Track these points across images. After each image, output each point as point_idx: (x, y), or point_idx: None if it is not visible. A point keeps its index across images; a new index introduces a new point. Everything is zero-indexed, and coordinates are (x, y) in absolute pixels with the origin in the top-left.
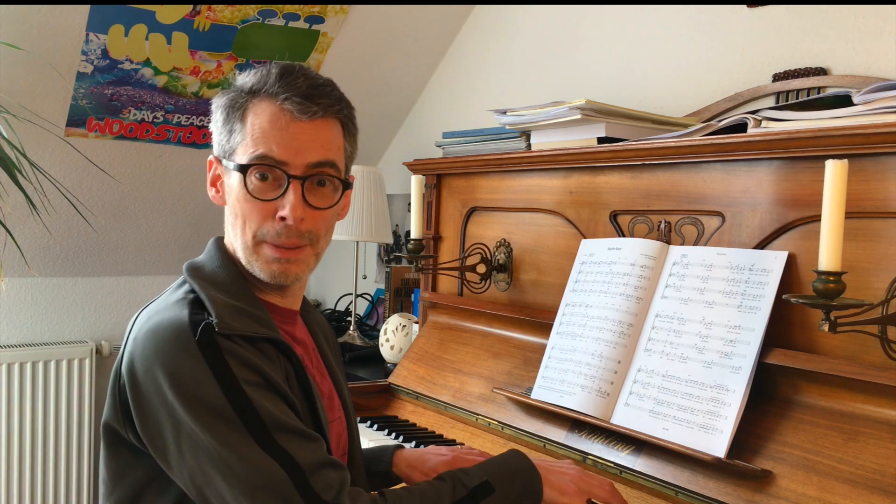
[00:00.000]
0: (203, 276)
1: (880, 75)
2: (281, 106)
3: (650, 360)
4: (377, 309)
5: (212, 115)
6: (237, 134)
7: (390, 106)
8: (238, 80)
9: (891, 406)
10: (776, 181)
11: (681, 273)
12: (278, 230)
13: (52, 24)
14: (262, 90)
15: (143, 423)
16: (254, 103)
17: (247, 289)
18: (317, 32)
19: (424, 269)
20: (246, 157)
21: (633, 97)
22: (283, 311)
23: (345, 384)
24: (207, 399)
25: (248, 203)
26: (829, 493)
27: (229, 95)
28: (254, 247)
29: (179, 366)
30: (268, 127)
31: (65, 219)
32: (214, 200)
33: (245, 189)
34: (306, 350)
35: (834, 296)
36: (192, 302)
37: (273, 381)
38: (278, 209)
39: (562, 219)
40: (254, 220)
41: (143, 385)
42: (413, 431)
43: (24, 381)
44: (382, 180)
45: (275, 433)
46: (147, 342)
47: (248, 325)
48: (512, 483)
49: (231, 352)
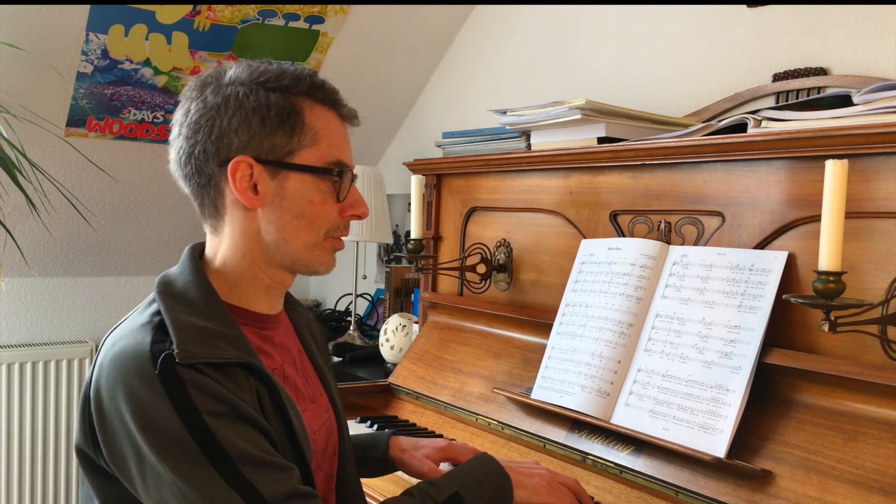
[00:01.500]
0: (173, 293)
1: (880, 75)
2: (337, 113)
3: (650, 360)
4: (377, 309)
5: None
6: (301, 137)
7: (390, 106)
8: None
9: (891, 406)
10: (776, 181)
11: (681, 273)
12: (342, 226)
13: (52, 24)
14: (307, 93)
15: (110, 451)
16: (308, 107)
17: (219, 305)
18: (317, 32)
19: (424, 269)
20: (323, 161)
21: (633, 97)
22: (266, 317)
23: (333, 382)
24: (169, 432)
25: (325, 205)
26: (829, 493)
27: (276, 96)
28: (322, 242)
29: (141, 398)
30: (338, 133)
31: (65, 219)
32: (248, 203)
33: (333, 192)
34: (289, 354)
35: (834, 296)
36: (156, 327)
37: (242, 409)
38: (344, 209)
39: (562, 219)
40: (328, 219)
41: (108, 414)
42: (413, 431)
43: (24, 381)
44: (382, 180)
45: (241, 466)
46: (110, 371)
47: (217, 349)
48: (482, 490)
49: (194, 383)
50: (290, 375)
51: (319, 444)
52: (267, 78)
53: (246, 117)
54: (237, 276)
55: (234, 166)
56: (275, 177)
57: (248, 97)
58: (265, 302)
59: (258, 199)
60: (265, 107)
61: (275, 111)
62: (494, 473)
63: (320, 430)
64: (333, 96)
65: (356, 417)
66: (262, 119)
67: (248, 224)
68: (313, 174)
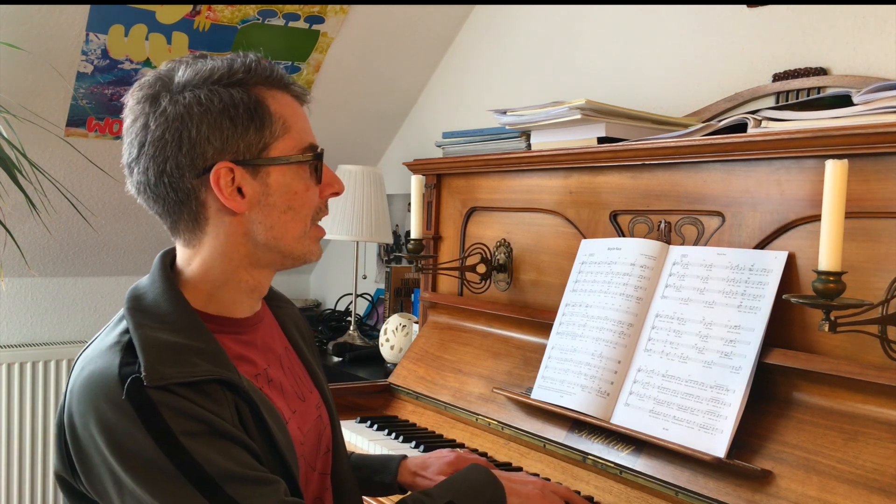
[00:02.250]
0: (142, 308)
1: (880, 75)
2: (292, 94)
3: (650, 360)
4: (377, 309)
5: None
6: (273, 130)
7: (390, 106)
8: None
9: (891, 406)
10: (776, 181)
11: (681, 273)
12: (323, 206)
13: (52, 24)
14: (264, 82)
15: (88, 478)
16: (266, 94)
17: (193, 318)
18: (317, 32)
19: (424, 269)
20: (297, 149)
21: (633, 97)
22: (244, 321)
23: (323, 376)
24: (145, 457)
25: (308, 192)
26: (829, 493)
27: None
28: (310, 231)
29: (113, 424)
30: (301, 116)
31: (65, 219)
32: (236, 209)
33: (313, 177)
34: (275, 354)
35: (834, 296)
36: (124, 348)
37: (219, 426)
38: (323, 189)
39: (562, 219)
40: (311, 206)
41: (83, 441)
42: (413, 431)
43: (24, 381)
44: (382, 180)
45: (223, 484)
46: (81, 396)
47: (189, 366)
48: (476, 498)
49: (167, 404)
50: (276, 377)
51: (311, 443)
52: (220, 75)
53: (215, 121)
54: (220, 283)
55: (215, 175)
56: (256, 175)
57: (210, 100)
58: (246, 305)
59: (246, 203)
60: (231, 106)
61: (242, 108)
62: (488, 482)
63: (311, 429)
64: (285, 79)
65: (356, 417)
66: (232, 119)
67: (235, 229)
68: (293, 164)
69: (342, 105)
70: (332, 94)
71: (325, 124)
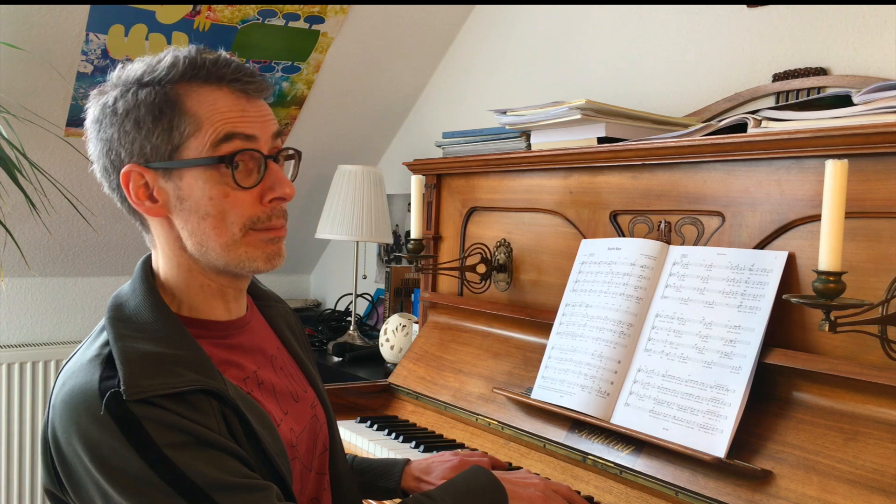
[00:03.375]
0: (123, 318)
1: (880, 75)
2: (231, 88)
3: (650, 360)
4: (377, 309)
5: (108, 120)
6: (181, 129)
7: (390, 106)
8: (131, 74)
9: (891, 406)
10: (776, 181)
11: (681, 273)
12: (268, 213)
13: (52, 24)
14: (191, 77)
15: (76, 492)
16: (190, 92)
17: (175, 325)
18: (317, 32)
19: (424, 269)
20: (208, 146)
21: (633, 97)
22: (227, 324)
23: (318, 376)
24: (131, 472)
25: (229, 197)
26: (829, 493)
27: (147, 92)
28: (242, 239)
29: (97, 440)
30: (226, 109)
31: (65, 219)
32: (149, 213)
33: (231, 180)
34: (265, 356)
35: (834, 296)
36: (104, 361)
37: (204, 436)
38: (264, 193)
39: (562, 219)
40: (243, 212)
41: (68, 456)
42: (413, 431)
43: (24, 381)
44: (382, 180)
45: (213, 493)
46: (63, 412)
47: (172, 377)
48: (476, 502)
49: (149, 418)
50: (267, 379)
51: (306, 444)
52: (142, 73)
53: (120, 124)
54: (182, 288)
55: (124, 178)
56: (169, 179)
57: (117, 101)
58: (221, 308)
59: (158, 208)
60: (134, 107)
61: (145, 109)
62: (489, 485)
63: (306, 429)
64: (220, 70)
65: (356, 417)
66: (136, 121)
67: (170, 233)
68: (202, 166)
69: (342, 105)
70: (332, 94)
71: (325, 124)
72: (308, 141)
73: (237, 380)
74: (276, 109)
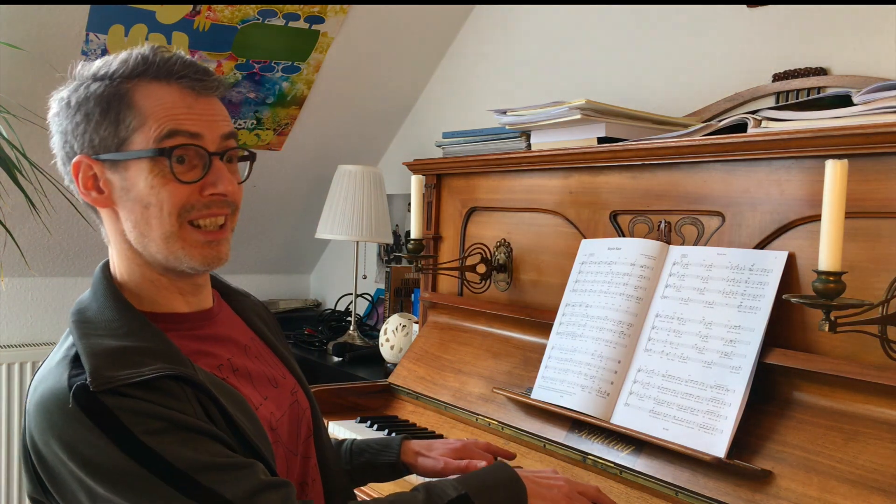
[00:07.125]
0: (86, 319)
1: (880, 75)
2: (180, 85)
3: (650, 360)
4: (377, 309)
5: (63, 113)
6: (127, 123)
7: (390, 106)
8: (88, 70)
9: (891, 406)
10: (776, 181)
11: (681, 273)
12: (206, 202)
13: (52, 24)
14: (141, 73)
15: (61, 495)
16: (139, 87)
17: (138, 319)
18: (317, 32)
19: (424, 269)
20: (152, 141)
21: (633, 97)
22: (193, 315)
23: (295, 363)
24: (111, 464)
25: (167, 188)
26: (829, 493)
27: (97, 86)
28: (179, 231)
29: (73, 437)
30: (171, 106)
31: (65, 219)
32: (96, 203)
33: (170, 172)
34: (237, 345)
35: (834, 296)
36: (72, 361)
37: (180, 420)
38: (204, 188)
39: (562, 219)
40: (178, 201)
41: (48, 460)
42: (413, 431)
43: (24, 381)
44: (382, 180)
45: (197, 475)
46: (38, 416)
47: (137, 366)
48: (493, 496)
49: (122, 407)
50: (242, 366)
51: (288, 428)
52: (97, 69)
53: (71, 117)
54: (139, 283)
55: (74, 167)
56: (115, 171)
57: (71, 95)
58: (180, 301)
59: (105, 199)
60: (85, 100)
61: (94, 102)
62: (509, 480)
63: (287, 413)
64: (170, 67)
65: (356, 417)
66: (86, 114)
67: (116, 225)
68: (146, 158)
69: (342, 105)
70: (332, 94)
71: (325, 124)
72: (308, 141)
73: (210, 367)
74: (276, 109)
